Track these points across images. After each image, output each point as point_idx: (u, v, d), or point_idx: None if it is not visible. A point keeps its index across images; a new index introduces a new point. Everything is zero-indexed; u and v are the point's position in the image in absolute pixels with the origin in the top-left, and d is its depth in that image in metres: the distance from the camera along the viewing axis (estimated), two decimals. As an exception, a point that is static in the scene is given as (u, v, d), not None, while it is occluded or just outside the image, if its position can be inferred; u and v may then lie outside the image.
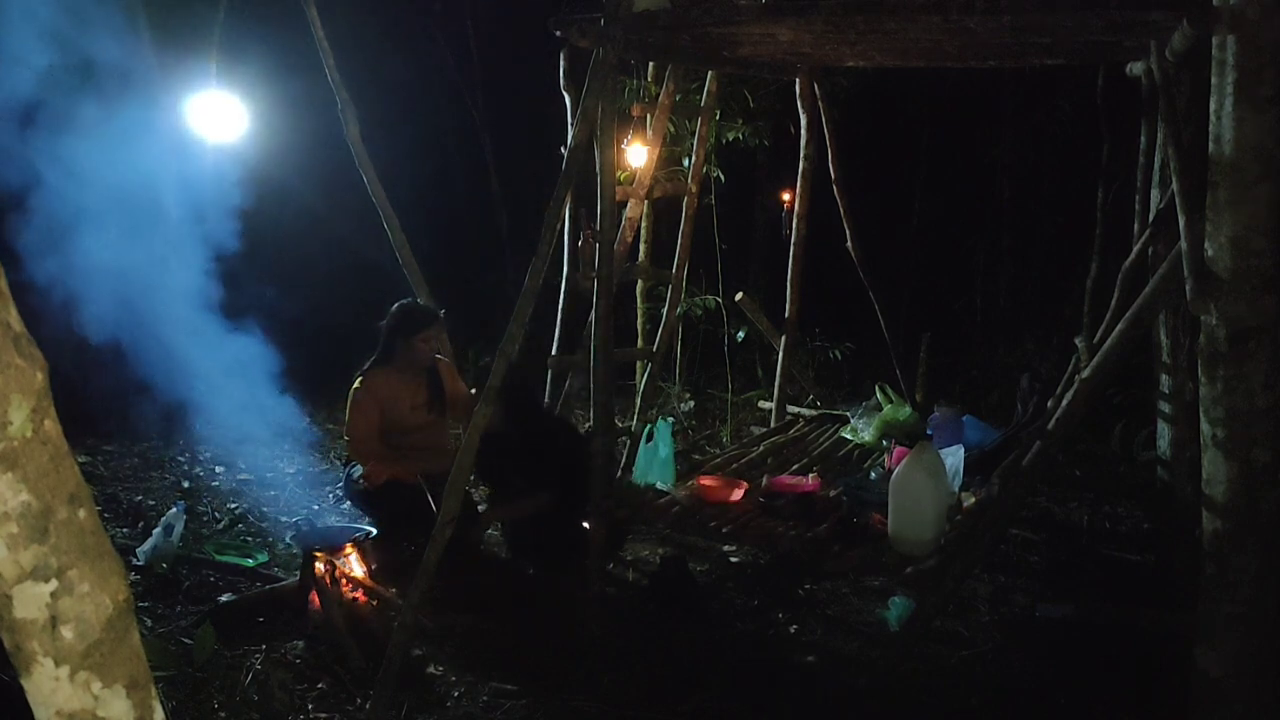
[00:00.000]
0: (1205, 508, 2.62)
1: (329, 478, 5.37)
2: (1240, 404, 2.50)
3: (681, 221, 5.09)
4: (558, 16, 3.79)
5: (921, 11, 3.19)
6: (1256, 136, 2.40)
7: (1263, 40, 2.37)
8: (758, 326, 5.92)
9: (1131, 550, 4.65)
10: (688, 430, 6.31)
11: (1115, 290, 4.33)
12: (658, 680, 3.30)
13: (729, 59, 4.63)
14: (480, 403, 3.23)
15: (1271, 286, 2.47)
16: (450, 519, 3.08)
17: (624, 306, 6.12)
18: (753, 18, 3.55)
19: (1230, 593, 2.58)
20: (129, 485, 5.12)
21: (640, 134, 4.94)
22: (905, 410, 4.91)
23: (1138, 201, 4.46)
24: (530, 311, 3.28)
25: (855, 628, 3.80)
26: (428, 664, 3.37)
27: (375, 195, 4.66)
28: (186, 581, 3.94)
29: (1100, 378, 3.16)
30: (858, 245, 5.61)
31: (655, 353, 5.20)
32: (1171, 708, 2.90)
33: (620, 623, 3.69)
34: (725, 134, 6.16)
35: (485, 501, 4.50)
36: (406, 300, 4.42)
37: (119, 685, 1.09)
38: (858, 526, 3.59)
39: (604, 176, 3.57)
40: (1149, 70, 3.96)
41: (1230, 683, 2.62)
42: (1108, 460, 5.80)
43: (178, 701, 3.01)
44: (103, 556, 1.08)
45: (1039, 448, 3.32)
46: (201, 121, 5.49)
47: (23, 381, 0.99)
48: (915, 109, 9.35)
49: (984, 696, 3.32)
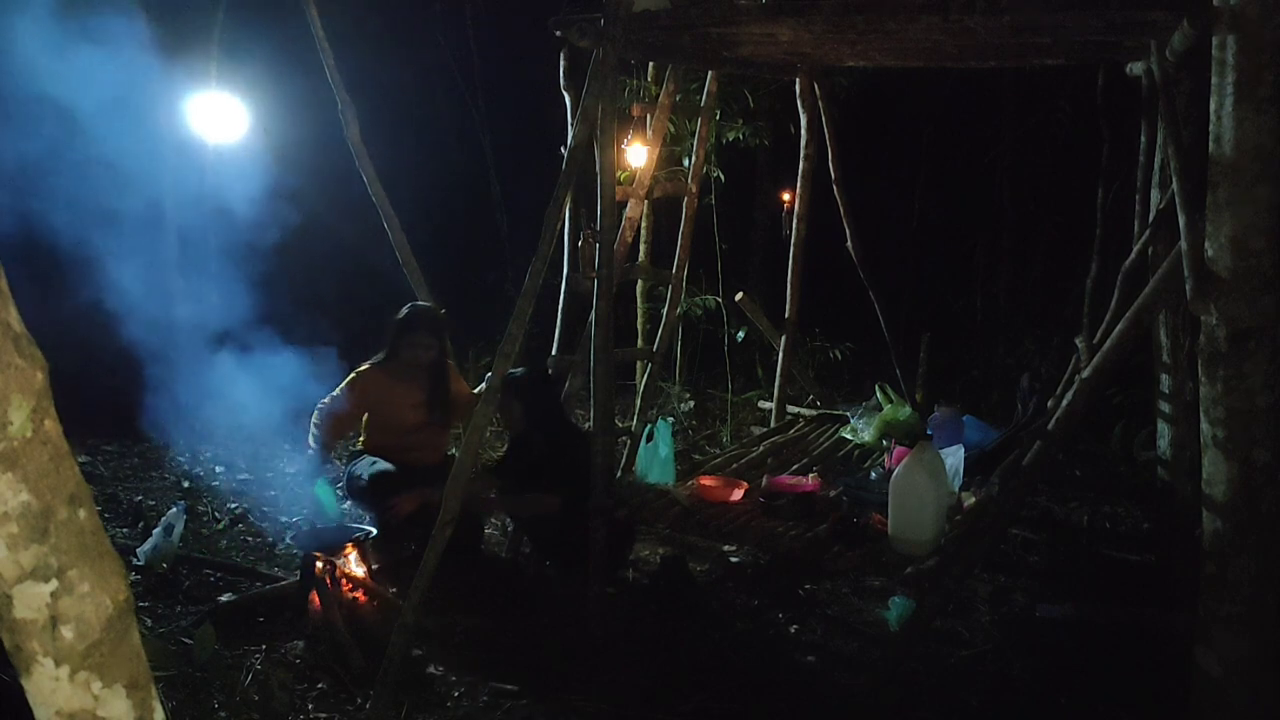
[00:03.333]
0: (1205, 508, 2.62)
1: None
2: (1240, 404, 2.50)
3: (681, 221, 5.09)
4: (558, 16, 3.79)
5: (921, 11, 3.19)
6: (1256, 136, 2.40)
7: (1263, 40, 2.37)
8: (758, 326, 5.92)
9: (1131, 550, 4.65)
10: (688, 430, 6.31)
11: (1115, 290, 4.33)
12: (658, 680, 3.30)
13: (729, 59, 4.63)
14: (481, 402, 3.23)
15: (1271, 286, 2.47)
16: (450, 519, 3.08)
17: (624, 306, 6.12)
18: (753, 18, 3.55)
19: (1230, 593, 2.58)
20: (129, 485, 5.12)
21: (640, 134, 4.94)
22: (905, 410, 4.90)
23: (1138, 201, 4.46)
24: (530, 311, 3.28)
25: (855, 628, 3.80)
26: (428, 664, 3.37)
27: (375, 195, 4.66)
28: (186, 581, 3.94)
29: (1100, 378, 3.16)
30: (858, 245, 5.61)
31: (655, 353, 5.20)
32: (1171, 708, 2.90)
33: (620, 623, 3.69)
34: (725, 134, 6.16)
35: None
36: (415, 302, 4.45)
37: (119, 685, 1.10)
38: (858, 526, 3.58)
39: (604, 176, 3.57)
40: (1149, 70, 3.96)
41: (1230, 683, 2.62)
42: (1108, 460, 5.80)
43: (178, 701, 3.01)
44: (103, 556, 1.08)
45: (1039, 448, 3.32)
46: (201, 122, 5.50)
47: (23, 381, 0.99)
48: (915, 109, 9.34)
49: (984, 696, 3.32)
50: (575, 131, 3.49)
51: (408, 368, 4.26)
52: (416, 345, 4.24)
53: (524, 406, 4.02)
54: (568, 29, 3.67)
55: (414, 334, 4.24)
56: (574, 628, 3.61)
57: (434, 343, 4.28)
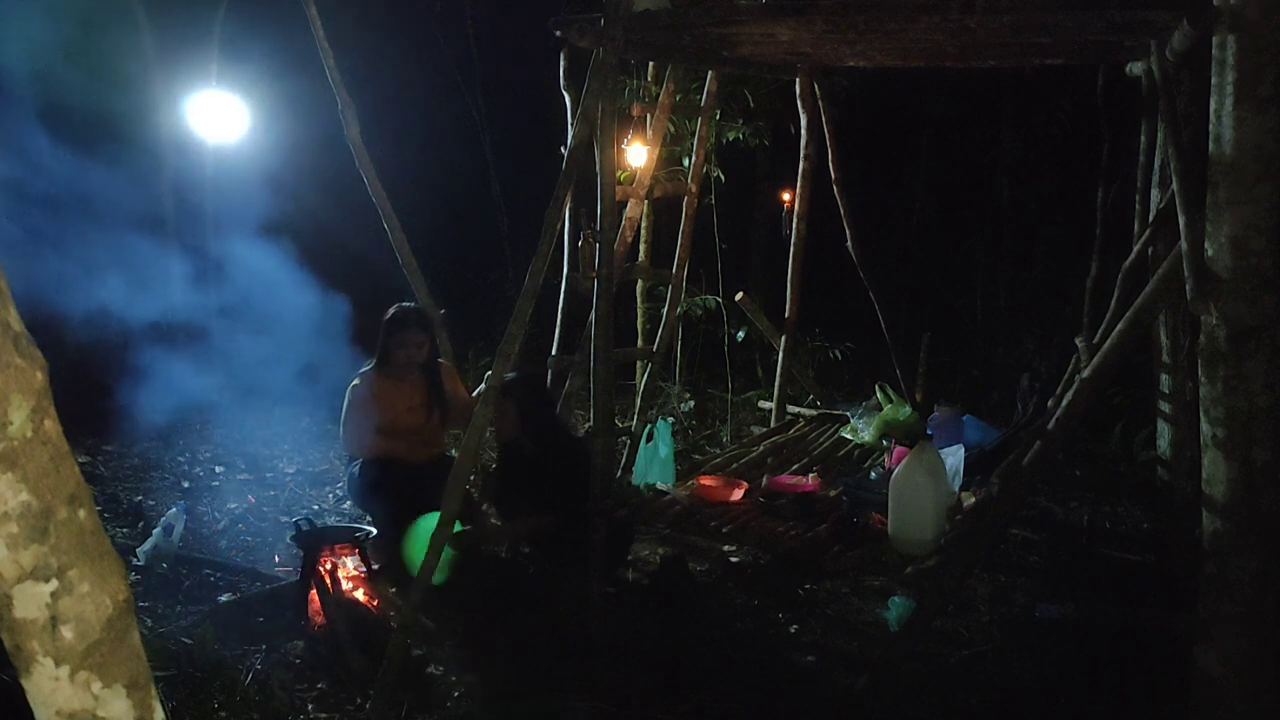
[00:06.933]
0: (1205, 508, 2.62)
1: (329, 477, 5.37)
2: (1240, 404, 2.50)
3: (681, 221, 5.09)
4: (558, 17, 3.79)
5: (922, 11, 3.19)
6: (1256, 136, 2.40)
7: (1263, 40, 2.38)
8: (758, 326, 5.92)
9: (1131, 550, 4.65)
10: (688, 430, 6.31)
11: (1115, 290, 4.33)
12: (658, 680, 3.30)
13: (729, 59, 4.63)
14: (480, 403, 3.23)
15: (1271, 286, 2.47)
16: (450, 519, 3.08)
17: (624, 306, 6.12)
18: (753, 18, 3.55)
19: (1230, 593, 2.58)
20: (129, 485, 5.12)
21: (640, 134, 4.94)
22: (905, 410, 4.90)
23: (1138, 201, 4.46)
24: (530, 311, 3.28)
25: (855, 628, 3.80)
26: (428, 664, 3.37)
27: (375, 195, 4.66)
28: (186, 581, 3.94)
29: (1100, 378, 3.16)
30: (858, 245, 5.61)
31: (655, 353, 5.20)
32: (1171, 708, 2.90)
33: (620, 623, 3.69)
34: (725, 134, 6.16)
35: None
36: (403, 303, 4.42)
37: (119, 685, 1.10)
38: (858, 526, 3.58)
39: (604, 176, 3.57)
40: (1149, 70, 3.96)
41: (1230, 683, 2.62)
42: (1108, 460, 5.79)
43: (178, 701, 3.00)
44: (103, 556, 1.08)
45: (1039, 448, 3.32)
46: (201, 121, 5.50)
47: (23, 381, 0.99)
48: (915, 109, 9.34)
49: (984, 696, 3.32)
50: (575, 131, 3.49)
51: (403, 369, 4.23)
52: (408, 344, 4.20)
53: (518, 410, 4.00)
54: (568, 29, 3.67)
55: (404, 332, 4.20)
56: (574, 628, 3.61)
57: (425, 339, 4.25)
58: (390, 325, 4.22)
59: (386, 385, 4.21)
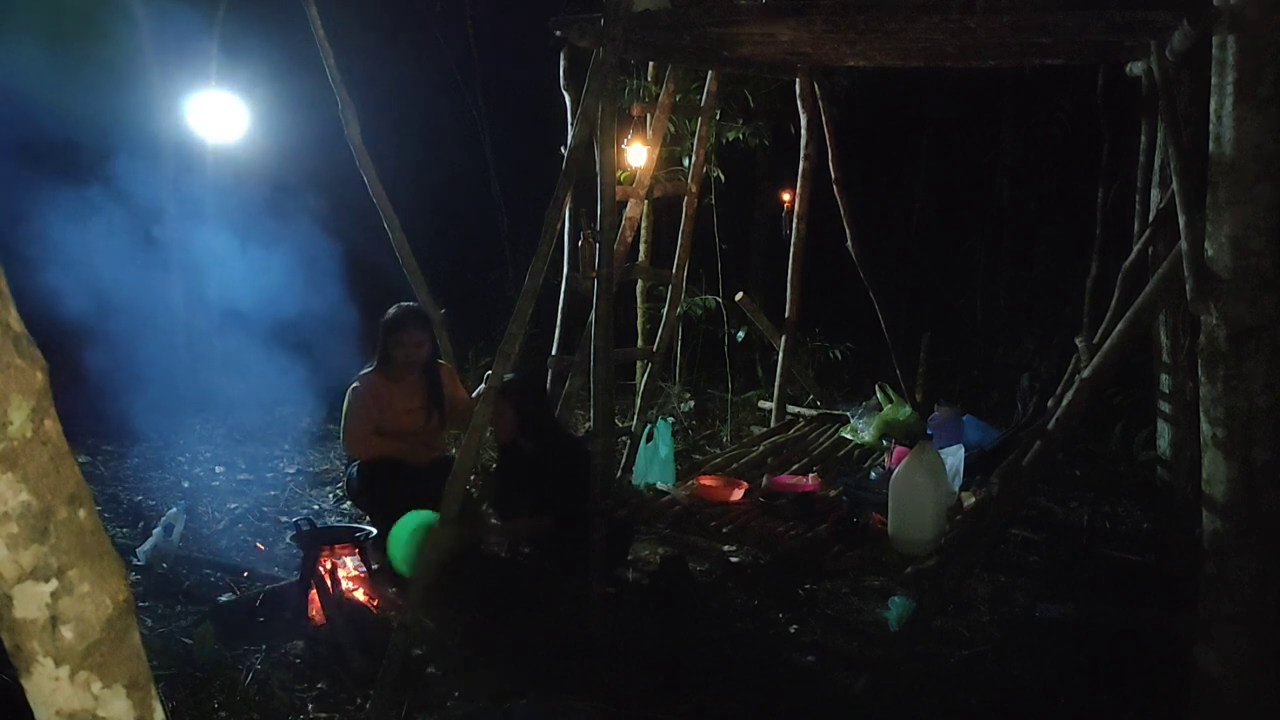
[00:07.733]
0: (1205, 508, 2.62)
1: (329, 477, 5.37)
2: (1240, 404, 2.50)
3: (681, 221, 5.09)
4: (558, 17, 3.79)
5: (922, 11, 3.19)
6: (1256, 136, 2.40)
7: (1263, 40, 2.38)
8: (758, 326, 5.92)
9: (1131, 550, 4.65)
10: (688, 430, 6.31)
11: (1115, 290, 4.33)
12: (658, 680, 3.30)
13: (729, 59, 4.63)
14: (480, 403, 3.23)
15: (1271, 286, 2.47)
16: (450, 519, 3.08)
17: (624, 306, 6.12)
18: (753, 18, 3.55)
19: (1230, 593, 2.58)
20: (129, 485, 5.12)
21: (640, 134, 4.94)
22: (905, 410, 4.90)
23: (1138, 201, 4.46)
24: (530, 311, 3.28)
25: (855, 628, 3.80)
26: (428, 664, 3.37)
27: (375, 195, 4.66)
28: (186, 581, 3.94)
29: (1100, 378, 3.16)
30: (858, 245, 5.61)
31: (655, 353, 5.20)
32: (1171, 708, 2.90)
33: (620, 623, 3.69)
34: (725, 134, 6.16)
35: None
36: (403, 303, 4.41)
37: (119, 685, 1.10)
38: (858, 526, 3.58)
39: (604, 176, 3.57)
40: (1149, 70, 3.96)
41: (1230, 683, 2.62)
42: (1108, 460, 5.79)
43: (178, 701, 3.00)
44: (103, 556, 1.08)
45: (1039, 448, 3.32)
46: (201, 121, 5.50)
47: (23, 381, 0.99)
48: (915, 109, 9.34)
49: (984, 696, 3.32)
50: (575, 131, 3.49)
51: (402, 370, 4.22)
52: (408, 344, 4.18)
53: (516, 411, 4.00)
54: (568, 29, 3.67)
55: (404, 332, 4.19)
56: (574, 628, 3.61)
57: (425, 339, 4.25)
58: (390, 325, 4.21)
59: (386, 387, 4.21)
